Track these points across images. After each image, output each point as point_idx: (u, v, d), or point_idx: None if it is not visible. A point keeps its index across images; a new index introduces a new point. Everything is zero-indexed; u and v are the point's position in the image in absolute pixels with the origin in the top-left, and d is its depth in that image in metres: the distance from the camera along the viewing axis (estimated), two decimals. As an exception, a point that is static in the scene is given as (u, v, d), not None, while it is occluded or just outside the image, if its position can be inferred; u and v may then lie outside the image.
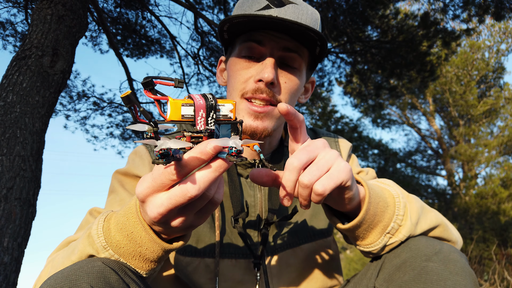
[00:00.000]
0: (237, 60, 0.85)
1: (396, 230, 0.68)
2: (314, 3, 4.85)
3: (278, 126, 0.86)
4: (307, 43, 0.82)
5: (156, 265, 0.62)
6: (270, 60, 0.80)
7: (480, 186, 12.33)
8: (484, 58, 12.55)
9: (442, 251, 0.64)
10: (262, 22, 0.77)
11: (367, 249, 0.70)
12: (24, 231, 2.49)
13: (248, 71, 0.82)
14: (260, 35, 0.81)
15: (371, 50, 5.38)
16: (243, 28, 0.82)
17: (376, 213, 0.66)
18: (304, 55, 0.85)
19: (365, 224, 0.66)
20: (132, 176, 0.87)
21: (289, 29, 0.78)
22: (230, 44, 0.90)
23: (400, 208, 0.68)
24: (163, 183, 0.48)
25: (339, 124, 10.83)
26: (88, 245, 0.62)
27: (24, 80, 2.67)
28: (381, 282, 0.67)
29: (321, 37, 0.77)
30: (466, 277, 0.61)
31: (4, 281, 2.32)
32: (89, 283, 0.53)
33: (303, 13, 0.82)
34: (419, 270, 0.62)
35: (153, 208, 0.50)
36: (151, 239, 0.57)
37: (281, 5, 0.81)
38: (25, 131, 2.58)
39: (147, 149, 0.91)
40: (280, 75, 0.82)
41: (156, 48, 5.80)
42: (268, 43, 0.81)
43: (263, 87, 0.79)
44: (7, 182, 2.43)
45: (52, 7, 2.89)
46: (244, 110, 0.81)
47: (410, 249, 0.66)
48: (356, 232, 0.68)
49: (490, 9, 4.77)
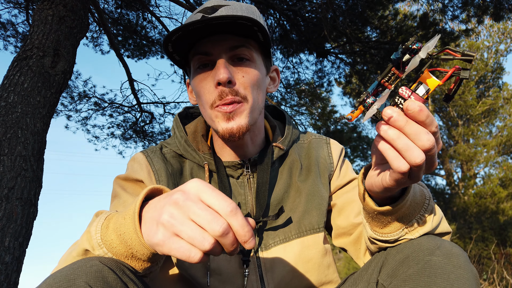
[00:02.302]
0: (194, 75, 0.87)
1: (415, 229, 0.70)
2: (314, 3, 4.87)
3: (254, 120, 0.87)
4: (249, 34, 0.84)
5: (150, 264, 0.63)
6: (220, 62, 0.82)
7: (479, 186, 12.36)
8: (483, 59, 12.57)
9: (444, 245, 0.65)
10: (197, 30, 0.79)
11: (382, 237, 0.72)
12: (26, 230, 2.50)
13: (207, 80, 0.84)
14: (204, 45, 0.83)
15: (370, 51, 5.39)
16: (187, 43, 0.84)
17: (410, 205, 0.68)
18: (252, 45, 0.86)
19: (396, 212, 0.67)
20: (132, 180, 0.90)
21: (224, 26, 0.79)
22: (186, 64, 0.92)
23: (427, 210, 0.70)
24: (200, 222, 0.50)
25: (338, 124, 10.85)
26: (85, 241, 0.63)
27: (26, 80, 2.68)
28: (384, 277, 0.69)
29: (255, 22, 0.77)
30: (468, 271, 0.62)
31: (5, 281, 2.33)
32: (87, 282, 0.54)
33: (237, 10, 0.84)
34: (423, 264, 0.63)
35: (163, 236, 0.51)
36: (140, 242, 0.58)
37: (214, 11, 0.83)
38: (26, 131, 2.59)
39: (144, 155, 0.93)
40: (235, 71, 0.84)
41: (157, 49, 5.80)
42: (214, 50, 0.83)
43: (225, 89, 0.81)
44: (8, 182, 2.44)
45: (53, 8, 2.90)
46: (216, 116, 0.83)
47: (412, 244, 0.67)
48: (384, 217, 0.69)
49: (489, 9, 4.78)
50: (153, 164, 0.90)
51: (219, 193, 0.51)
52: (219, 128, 0.83)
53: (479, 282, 0.65)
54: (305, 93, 7.10)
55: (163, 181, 0.89)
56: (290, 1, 5.04)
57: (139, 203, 0.58)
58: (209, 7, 0.85)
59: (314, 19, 4.98)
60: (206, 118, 0.88)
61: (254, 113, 0.86)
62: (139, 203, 0.58)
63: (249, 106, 0.84)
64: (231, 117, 0.82)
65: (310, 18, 5.09)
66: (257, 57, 0.88)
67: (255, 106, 0.85)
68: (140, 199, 0.59)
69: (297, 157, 0.99)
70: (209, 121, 0.87)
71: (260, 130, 0.95)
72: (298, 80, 6.53)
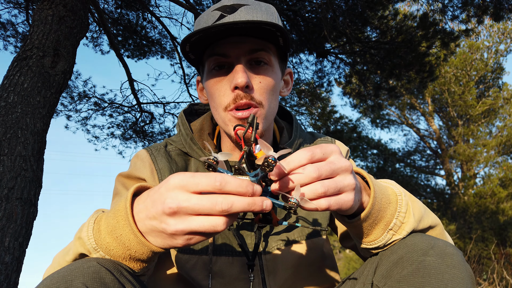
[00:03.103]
0: (209, 75, 0.86)
1: (399, 227, 0.69)
2: (314, 3, 4.87)
3: (267, 126, 0.87)
4: (269, 37, 0.83)
5: (147, 264, 0.63)
6: (239, 66, 0.81)
7: (479, 186, 12.36)
8: (483, 59, 12.58)
9: (438, 245, 0.65)
10: (219, 32, 0.78)
11: (371, 245, 0.71)
12: (25, 231, 2.50)
13: (223, 82, 0.83)
14: (223, 47, 0.82)
15: (370, 51, 5.39)
16: (205, 44, 0.82)
17: (380, 208, 0.67)
18: (270, 49, 0.85)
19: (370, 218, 0.67)
20: (135, 178, 0.89)
21: (247, 30, 0.78)
22: (200, 62, 0.90)
23: (402, 205, 0.69)
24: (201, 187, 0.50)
25: (338, 125, 10.85)
26: (79, 246, 0.62)
27: (25, 80, 2.68)
28: (379, 278, 0.68)
29: (279, 27, 0.77)
30: (462, 270, 0.62)
31: (5, 281, 2.33)
32: (84, 283, 0.54)
33: (257, 11, 0.83)
34: (417, 264, 0.63)
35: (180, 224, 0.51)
36: (139, 241, 0.57)
37: (234, 10, 0.81)
38: (26, 131, 2.59)
39: (148, 152, 0.92)
40: (253, 76, 0.83)
41: (157, 49, 5.81)
42: (232, 52, 0.82)
43: (241, 93, 0.80)
44: (8, 182, 2.44)
45: (53, 8, 2.90)
46: (231, 120, 0.82)
47: (406, 245, 0.67)
48: (362, 227, 0.68)
49: (489, 9, 4.79)
50: (156, 162, 0.89)
51: (201, 176, 0.50)
52: (231, 131, 0.82)
53: (474, 281, 0.64)
54: (305, 93, 7.10)
55: None
56: (290, 1, 5.04)
57: (129, 204, 0.57)
58: (228, 5, 0.83)
59: (314, 19, 4.98)
60: (218, 120, 0.87)
61: (268, 118, 0.86)
62: (129, 204, 0.57)
63: (264, 112, 0.83)
64: (245, 122, 0.81)
65: (310, 18, 5.09)
66: (274, 61, 0.87)
67: (269, 112, 0.85)
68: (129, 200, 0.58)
69: None
70: (221, 123, 0.86)
71: (270, 133, 0.95)
72: (298, 80, 6.53)
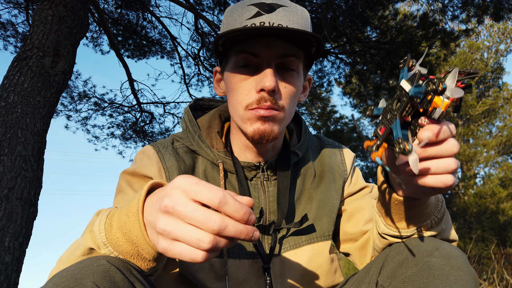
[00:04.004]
0: (234, 71, 0.84)
1: (428, 229, 0.70)
2: (314, 3, 4.86)
3: (283, 129, 0.87)
4: (303, 44, 0.82)
5: (155, 264, 0.63)
6: (269, 70, 0.80)
7: (479, 186, 12.36)
8: (483, 59, 12.57)
9: (443, 247, 0.65)
10: (256, 33, 0.77)
11: (396, 232, 0.71)
12: (26, 231, 2.50)
13: (248, 81, 0.82)
14: (255, 47, 0.81)
15: (370, 51, 5.39)
16: (238, 40, 0.81)
17: (430, 204, 0.68)
18: (300, 56, 0.85)
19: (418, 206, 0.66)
20: (140, 176, 0.86)
21: (284, 35, 0.78)
22: (224, 55, 0.89)
23: (441, 212, 0.71)
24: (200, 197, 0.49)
25: (338, 124, 10.85)
26: (90, 240, 0.62)
27: (25, 80, 2.68)
28: (384, 278, 0.69)
29: (317, 38, 0.77)
30: (467, 272, 0.62)
31: (5, 281, 2.34)
32: (94, 281, 0.54)
33: (294, 15, 0.82)
34: (422, 265, 0.63)
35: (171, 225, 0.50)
36: (145, 241, 0.57)
37: (272, 10, 0.80)
38: (26, 131, 2.59)
39: (155, 149, 0.90)
40: (280, 81, 0.83)
41: (157, 49, 5.81)
42: (263, 53, 0.81)
43: (266, 96, 0.80)
44: (8, 182, 2.44)
45: (53, 8, 2.90)
46: (252, 118, 0.82)
47: (411, 246, 0.67)
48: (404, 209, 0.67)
49: (489, 9, 4.78)
50: (164, 161, 0.87)
51: (204, 187, 0.49)
52: (250, 128, 0.82)
53: (478, 283, 0.65)
54: (305, 93, 7.09)
55: None
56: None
57: (141, 202, 0.57)
58: (266, 3, 0.81)
59: (314, 19, 4.98)
60: (235, 117, 0.86)
61: (285, 122, 0.86)
62: (141, 202, 0.57)
63: (284, 115, 0.83)
64: (267, 121, 0.81)
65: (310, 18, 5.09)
66: (301, 68, 0.87)
67: (288, 116, 0.85)
68: (143, 197, 0.57)
69: (311, 163, 0.99)
70: (238, 121, 0.85)
71: (282, 135, 0.94)
72: (298, 80, 6.52)
